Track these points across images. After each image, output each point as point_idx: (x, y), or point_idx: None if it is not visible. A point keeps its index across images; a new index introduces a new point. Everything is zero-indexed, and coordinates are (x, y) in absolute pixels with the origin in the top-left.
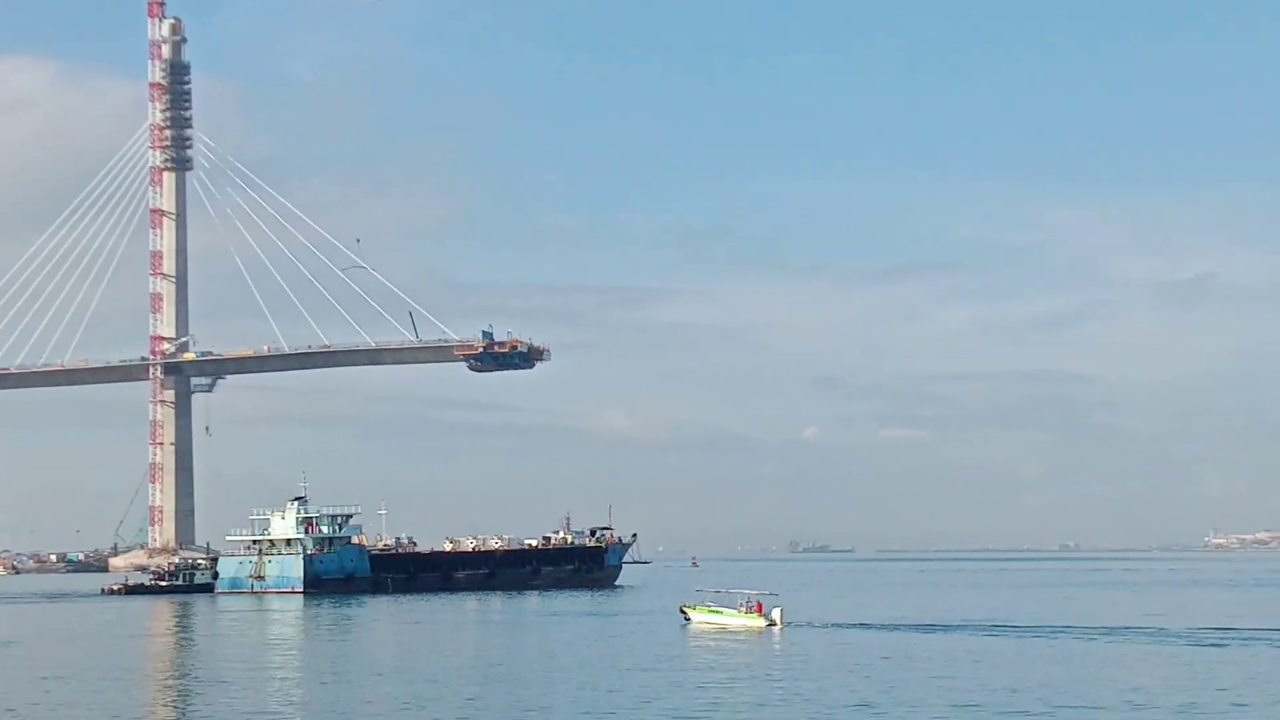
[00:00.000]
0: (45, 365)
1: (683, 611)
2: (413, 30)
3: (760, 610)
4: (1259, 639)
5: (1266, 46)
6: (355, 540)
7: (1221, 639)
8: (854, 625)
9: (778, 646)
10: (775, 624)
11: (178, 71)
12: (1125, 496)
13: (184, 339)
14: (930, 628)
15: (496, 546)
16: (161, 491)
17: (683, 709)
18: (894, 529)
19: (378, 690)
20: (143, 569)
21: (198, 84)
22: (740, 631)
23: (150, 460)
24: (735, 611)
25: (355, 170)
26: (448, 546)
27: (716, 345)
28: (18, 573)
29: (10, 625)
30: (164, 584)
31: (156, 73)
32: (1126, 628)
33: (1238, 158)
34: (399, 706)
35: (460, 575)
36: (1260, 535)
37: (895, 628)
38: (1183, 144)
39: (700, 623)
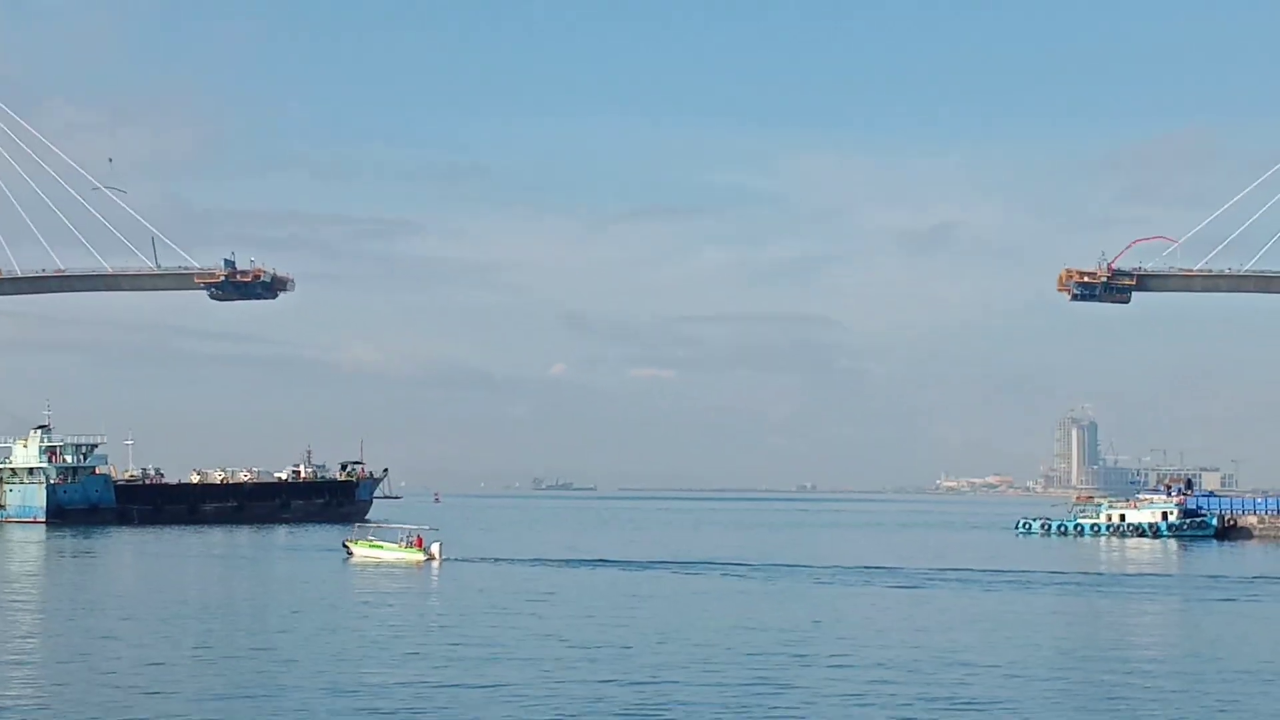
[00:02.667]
0: None
1: (345, 546)
2: None
3: (420, 545)
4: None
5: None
6: (100, 470)
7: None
8: (518, 560)
9: (434, 580)
10: (434, 558)
11: None
12: (865, 440)
13: None
14: (600, 563)
15: (245, 479)
16: None
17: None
18: (638, 468)
19: (112, 624)
20: None
21: None
22: (398, 565)
23: None
24: (395, 546)
25: (101, 96)
26: (195, 478)
27: (467, 282)
28: None
29: None
30: None
31: None
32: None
33: (980, 114)
34: (132, 642)
35: (208, 508)
36: (990, 479)
37: (564, 563)
38: (927, 98)
39: (361, 557)
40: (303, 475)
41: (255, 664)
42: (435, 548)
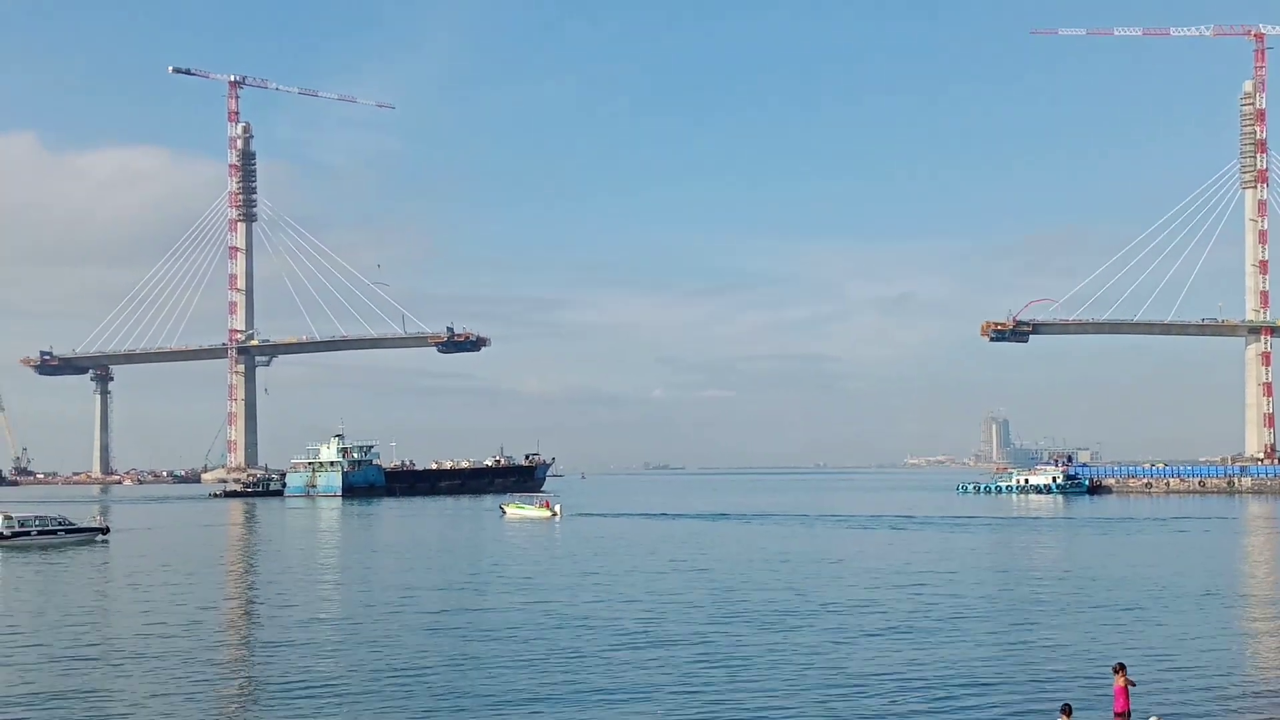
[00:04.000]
0: (160, 348)
1: (501, 508)
2: (403, 129)
3: (548, 505)
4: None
5: (974, 125)
6: (375, 462)
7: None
8: (613, 515)
9: (558, 527)
10: (557, 514)
11: (247, 157)
12: (855, 432)
13: (250, 331)
14: (677, 516)
15: (465, 466)
16: (235, 430)
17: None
18: (712, 453)
19: (384, 560)
20: (223, 481)
21: (260, 165)
22: (535, 519)
23: (228, 410)
24: (533, 507)
25: (363, 223)
26: (434, 466)
27: (597, 337)
28: (140, 483)
29: (189, 512)
30: (249, 490)
31: (233, 157)
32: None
33: (927, 217)
34: (393, 571)
35: (443, 485)
36: (939, 458)
37: (652, 515)
38: (891, 210)
39: (512, 515)
40: (501, 463)
41: (464, 562)
42: (558, 507)
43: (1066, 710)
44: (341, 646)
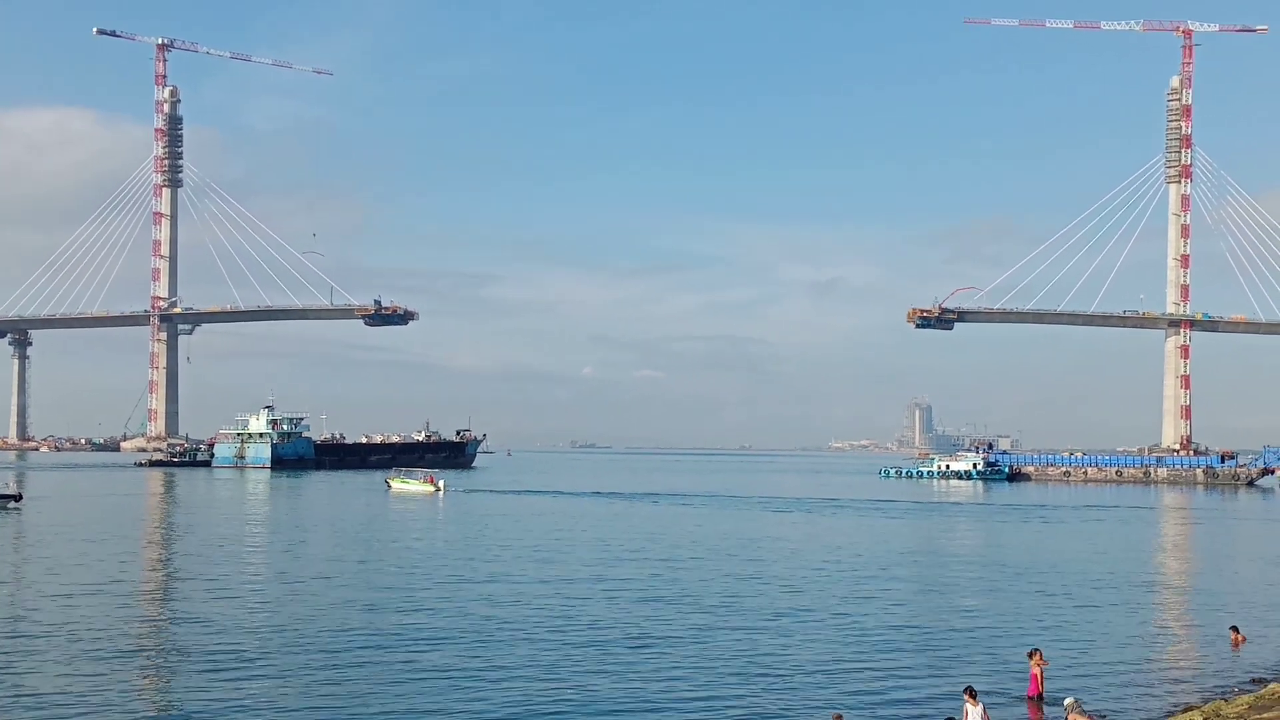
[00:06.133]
0: (81, 313)
1: (387, 483)
2: (336, 99)
3: (432, 481)
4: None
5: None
6: (305, 435)
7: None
8: (492, 491)
9: (440, 503)
10: (439, 490)
11: (174, 122)
12: (782, 415)
13: (174, 299)
14: (571, 495)
15: (395, 440)
16: (156, 399)
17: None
18: (639, 433)
19: (307, 533)
20: (144, 450)
21: (187, 130)
22: (418, 494)
23: (149, 378)
24: (417, 482)
25: (292, 191)
26: (363, 439)
27: (530, 313)
28: (58, 450)
29: (111, 482)
30: (176, 460)
31: (160, 121)
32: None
33: (858, 202)
34: (318, 543)
35: (372, 459)
36: (863, 442)
37: (539, 493)
38: (823, 194)
39: (397, 489)
40: (430, 439)
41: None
42: (441, 484)
43: (970, 692)
44: (250, 617)
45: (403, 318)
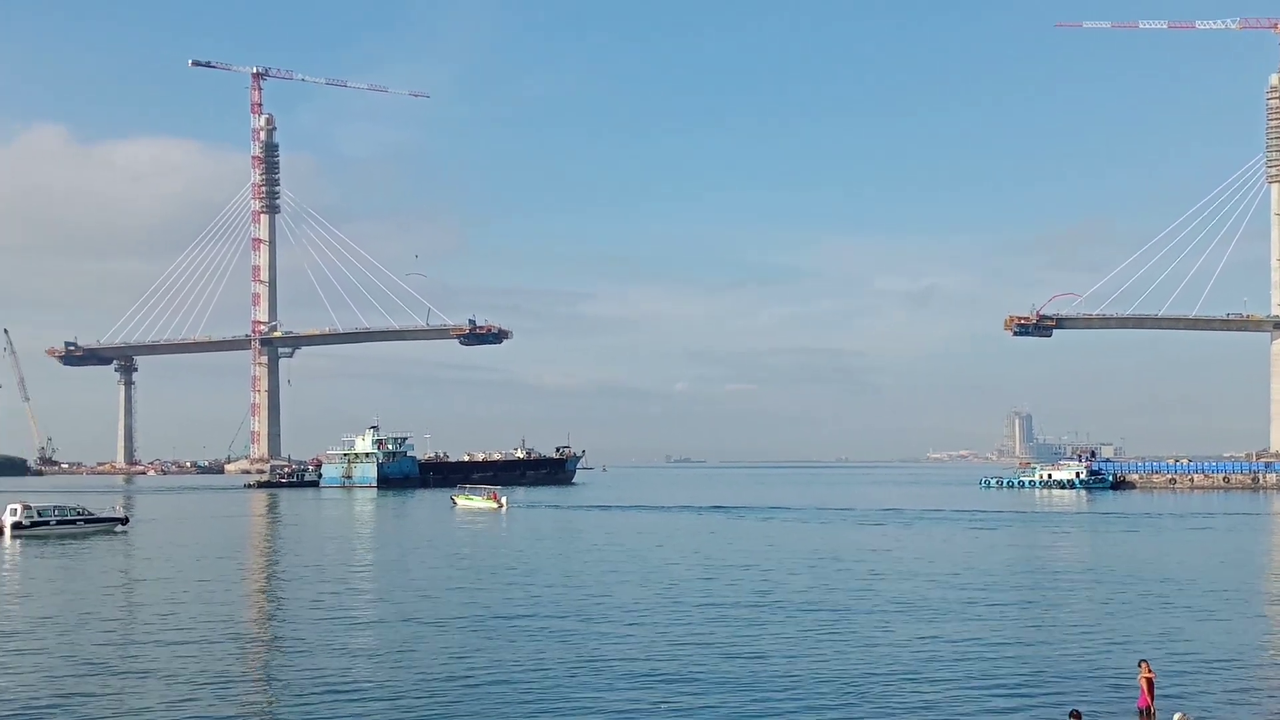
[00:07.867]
0: (184, 339)
1: (452, 499)
2: (427, 123)
3: (496, 498)
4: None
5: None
6: (409, 454)
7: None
8: (551, 506)
9: (503, 518)
10: (502, 506)
11: (270, 149)
12: (879, 427)
13: (274, 323)
14: (647, 509)
15: (498, 458)
16: (258, 422)
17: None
18: (733, 447)
19: (417, 547)
20: (247, 472)
21: (283, 157)
22: (483, 509)
23: (251, 401)
24: (481, 499)
25: (385, 215)
26: (466, 457)
27: (622, 329)
28: (164, 474)
29: (220, 504)
30: (283, 481)
31: (256, 149)
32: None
33: (956, 211)
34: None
35: (475, 476)
36: (962, 452)
37: (607, 508)
38: (922, 202)
39: (462, 505)
40: (530, 455)
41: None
42: (504, 499)
43: (1076, 716)
44: (356, 642)
45: (497, 337)
